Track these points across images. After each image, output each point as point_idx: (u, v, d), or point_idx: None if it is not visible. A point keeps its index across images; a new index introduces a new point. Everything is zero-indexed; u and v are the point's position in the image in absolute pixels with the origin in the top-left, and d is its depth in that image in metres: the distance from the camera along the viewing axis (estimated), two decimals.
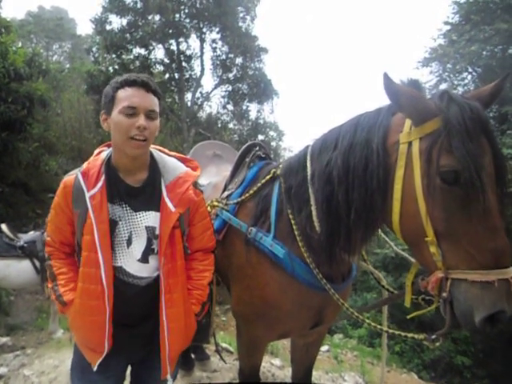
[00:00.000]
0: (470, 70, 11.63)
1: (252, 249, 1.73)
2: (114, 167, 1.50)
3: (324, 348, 6.64)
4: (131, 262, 1.47)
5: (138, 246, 1.48)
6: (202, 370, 3.34)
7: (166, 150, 1.67)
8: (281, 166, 1.80)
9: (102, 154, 1.56)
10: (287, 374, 3.64)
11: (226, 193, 1.98)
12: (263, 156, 2.09)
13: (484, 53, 10.72)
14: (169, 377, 1.53)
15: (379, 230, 1.68)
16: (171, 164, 1.58)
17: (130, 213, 1.48)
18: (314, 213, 1.55)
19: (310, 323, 1.79)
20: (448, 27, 12.07)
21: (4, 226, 4.58)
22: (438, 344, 1.31)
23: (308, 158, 1.62)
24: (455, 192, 1.16)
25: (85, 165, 1.51)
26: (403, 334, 1.47)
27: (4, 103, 7.61)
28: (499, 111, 11.16)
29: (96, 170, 1.47)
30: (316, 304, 1.72)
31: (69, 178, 1.50)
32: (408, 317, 1.56)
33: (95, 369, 1.47)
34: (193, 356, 3.38)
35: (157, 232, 1.48)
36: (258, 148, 2.10)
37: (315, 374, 3.85)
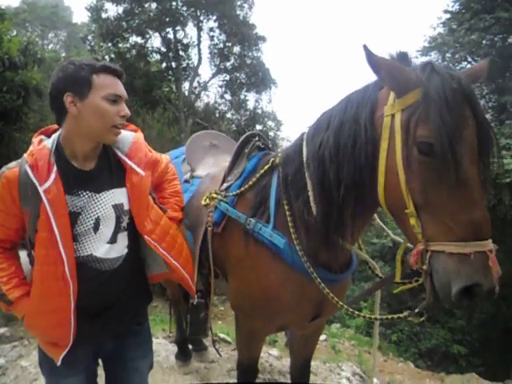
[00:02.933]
0: (470, 59, 11.54)
1: (251, 240, 1.71)
2: (65, 156, 1.42)
3: (322, 337, 6.66)
4: (100, 245, 1.43)
5: (107, 228, 1.44)
6: (199, 360, 3.35)
7: None
8: (279, 155, 1.78)
9: (44, 142, 1.43)
10: (285, 363, 3.65)
11: (225, 184, 1.94)
12: (262, 147, 2.05)
13: (484, 42, 10.64)
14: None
15: (373, 216, 1.66)
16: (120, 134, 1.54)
17: (92, 197, 1.41)
18: (311, 198, 1.54)
19: (310, 315, 1.77)
20: (448, 16, 11.96)
21: None
22: (422, 319, 1.32)
23: (304, 143, 1.61)
24: (431, 163, 1.16)
25: (28, 156, 1.37)
26: (389, 316, 1.48)
27: None
28: (498, 101, 11.13)
29: (45, 160, 1.35)
30: (316, 295, 1.69)
31: (11, 171, 1.38)
32: (394, 291, 1.55)
33: (59, 363, 1.42)
34: (190, 347, 3.38)
35: (125, 207, 1.47)
36: (257, 138, 2.06)
37: (313, 364, 3.83)
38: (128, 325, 1.55)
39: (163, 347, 3.61)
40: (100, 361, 1.65)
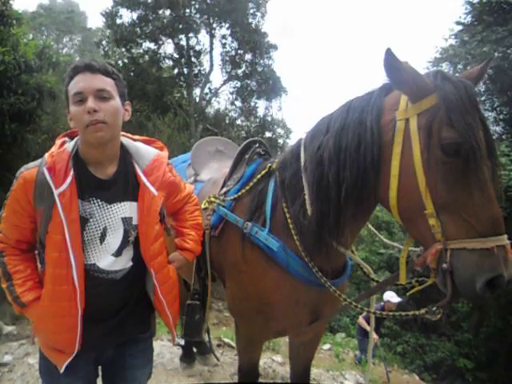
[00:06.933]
0: None
1: (247, 244, 1.72)
2: (83, 160, 1.41)
3: (326, 346, 6.64)
4: (104, 257, 1.42)
5: (114, 239, 1.43)
6: (203, 364, 3.36)
7: (130, 135, 1.59)
8: (276, 160, 1.81)
9: (66, 145, 1.43)
10: (288, 370, 3.64)
11: (225, 189, 1.98)
12: (263, 153, 2.08)
13: (496, 54, 10.59)
14: (178, 339, 1.64)
15: (367, 220, 1.67)
16: (143, 148, 1.54)
17: (103, 207, 1.41)
18: (307, 201, 1.55)
19: (307, 320, 1.78)
20: (460, 27, 11.95)
21: None
22: (439, 316, 1.33)
23: (302, 148, 1.63)
24: (456, 164, 1.20)
25: (48, 158, 1.38)
26: (403, 313, 1.47)
27: (14, 95, 7.69)
28: (510, 113, 11.06)
29: (63, 164, 1.35)
30: (312, 300, 1.71)
31: (28, 171, 1.38)
32: (407, 293, 1.56)
33: (62, 370, 1.41)
34: (195, 350, 3.40)
35: (134, 222, 1.45)
36: (257, 145, 2.09)
37: (316, 372, 3.86)
38: (130, 334, 1.54)
39: (168, 349, 3.63)
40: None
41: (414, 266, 1.36)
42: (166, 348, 3.66)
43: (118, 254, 1.44)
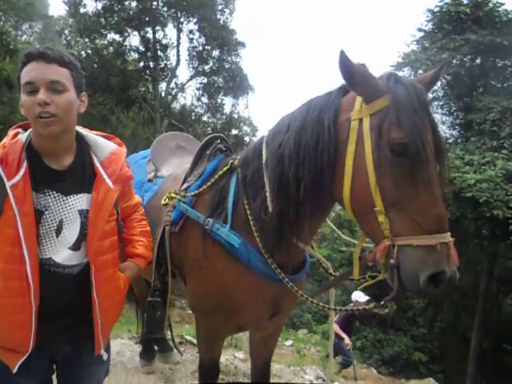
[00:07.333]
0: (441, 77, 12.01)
1: (208, 240, 1.73)
2: (37, 151, 1.38)
3: (288, 343, 6.76)
4: (61, 250, 1.38)
5: (70, 232, 1.39)
6: (164, 361, 3.32)
7: (88, 130, 1.57)
8: (238, 157, 1.82)
9: (19, 136, 1.39)
10: (250, 366, 3.69)
11: (185, 185, 1.97)
12: (224, 149, 2.08)
13: (454, 61, 11.12)
14: (102, 351, 1.50)
15: (326, 217, 1.73)
16: (101, 141, 1.52)
17: (59, 199, 1.37)
18: (268, 198, 1.58)
19: (267, 315, 1.82)
20: (421, 34, 12.47)
21: None
22: (386, 310, 1.40)
23: (264, 146, 1.66)
24: (403, 163, 1.25)
25: None
26: (355, 308, 1.58)
27: None
28: (465, 118, 11.61)
29: (16, 155, 1.31)
30: (272, 295, 1.74)
31: None
32: (359, 288, 1.64)
33: (15, 371, 1.36)
34: (156, 348, 3.36)
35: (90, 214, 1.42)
36: (219, 141, 2.10)
37: (277, 367, 3.92)
38: (87, 330, 1.47)
39: (128, 348, 3.58)
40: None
41: (365, 261, 1.42)
42: (126, 346, 3.60)
43: (75, 247, 1.40)
